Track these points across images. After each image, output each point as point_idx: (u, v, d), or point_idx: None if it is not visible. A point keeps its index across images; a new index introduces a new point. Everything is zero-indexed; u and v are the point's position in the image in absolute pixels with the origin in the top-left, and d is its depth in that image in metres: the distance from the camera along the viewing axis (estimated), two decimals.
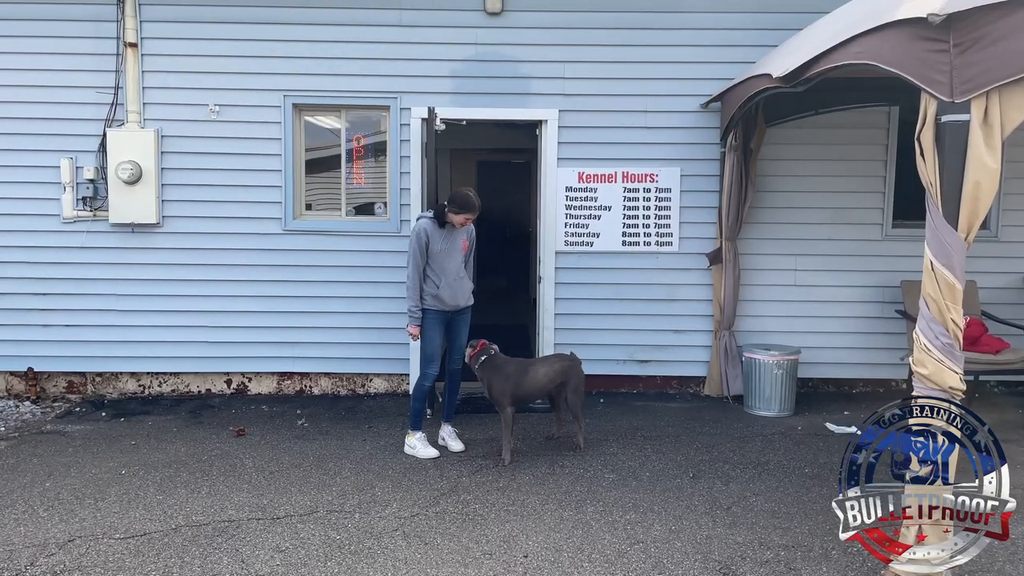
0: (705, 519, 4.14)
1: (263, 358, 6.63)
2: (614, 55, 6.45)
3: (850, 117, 6.40)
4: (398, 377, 6.74)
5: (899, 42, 3.16)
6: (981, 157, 2.92)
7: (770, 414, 6.12)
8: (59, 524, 4.04)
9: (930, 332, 3.11)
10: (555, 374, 5.10)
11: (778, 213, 6.61)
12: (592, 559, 3.68)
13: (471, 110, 6.46)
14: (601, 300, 6.63)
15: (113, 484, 4.61)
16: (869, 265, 6.61)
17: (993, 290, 6.56)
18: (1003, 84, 2.88)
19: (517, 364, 5.13)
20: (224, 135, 6.43)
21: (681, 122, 6.52)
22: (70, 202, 6.40)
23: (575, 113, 6.49)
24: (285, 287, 6.55)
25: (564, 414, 5.36)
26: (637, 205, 6.58)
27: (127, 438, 5.52)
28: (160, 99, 6.40)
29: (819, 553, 3.74)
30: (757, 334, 6.62)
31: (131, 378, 6.71)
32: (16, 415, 6.12)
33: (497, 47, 6.45)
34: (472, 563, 3.63)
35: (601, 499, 4.40)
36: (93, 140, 6.37)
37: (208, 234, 6.50)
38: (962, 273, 3.04)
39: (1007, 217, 6.64)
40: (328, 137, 6.72)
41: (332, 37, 6.39)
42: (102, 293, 6.49)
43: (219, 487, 4.57)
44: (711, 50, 6.43)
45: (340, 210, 6.71)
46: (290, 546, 3.80)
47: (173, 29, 6.35)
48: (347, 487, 4.57)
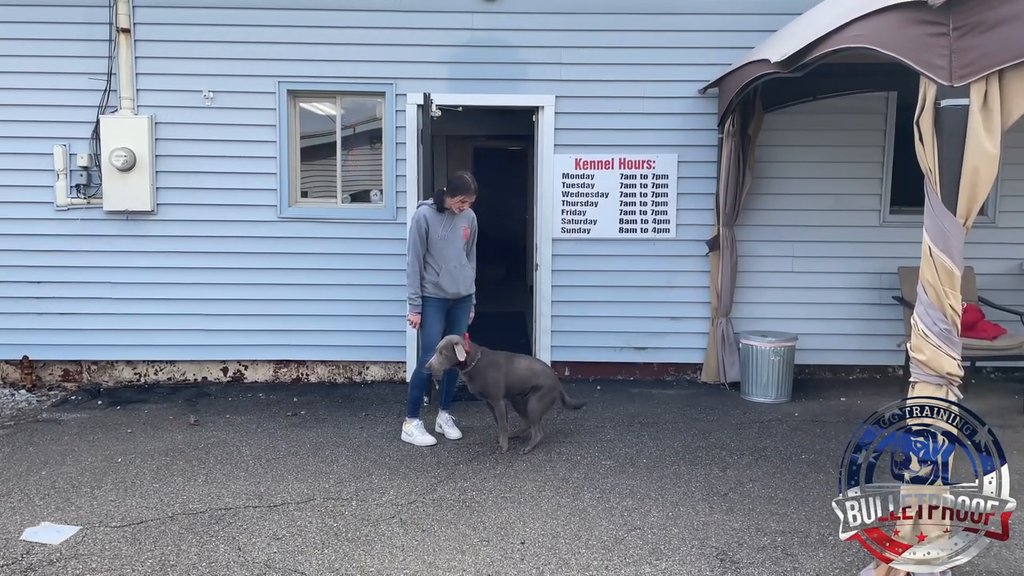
0: (702, 505, 4.15)
1: (259, 346, 6.62)
2: (611, 40, 6.41)
3: (848, 102, 6.38)
4: (395, 365, 6.73)
5: (898, 25, 3.12)
6: (980, 142, 2.90)
7: (767, 400, 6.13)
8: (55, 512, 4.03)
9: (928, 318, 3.09)
10: (532, 374, 5.01)
11: (775, 199, 6.59)
12: (589, 545, 3.68)
13: (467, 96, 6.42)
14: (598, 287, 6.62)
15: (109, 472, 4.60)
16: (866, 251, 6.60)
17: (990, 276, 6.56)
18: (1003, 68, 2.86)
19: (505, 356, 5.04)
20: (219, 121, 6.39)
21: (679, 108, 6.49)
22: (64, 190, 6.36)
23: (572, 99, 6.46)
24: (281, 274, 6.53)
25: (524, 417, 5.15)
26: (634, 192, 6.56)
27: (123, 426, 5.51)
28: (154, 85, 6.35)
29: (816, 539, 3.75)
30: (754, 321, 6.62)
31: (127, 366, 6.70)
32: (11, 404, 6.10)
33: (493, 32, 6.40)
34: (469, 550, 3.64)
35: (598, 485, 4.41)
36: (86, 127, 6.33)
37: (203, 221, 6.47)
38: (960, 259, 3.03)
39: (1005, 203, 6.63)
40: (323, 124, 6.68)
41: (327, 22, 6.34)
42: (97, 281, 6.47)
43: (216, 475, 4.56)
44: (709, 35, 6.39)
45: (336, 197, 6.68)
46: (287, 533, 3.79)
47: (166, 14, 6.30)
48: (344, 474, 4.57)
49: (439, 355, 4.79)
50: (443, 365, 4.82)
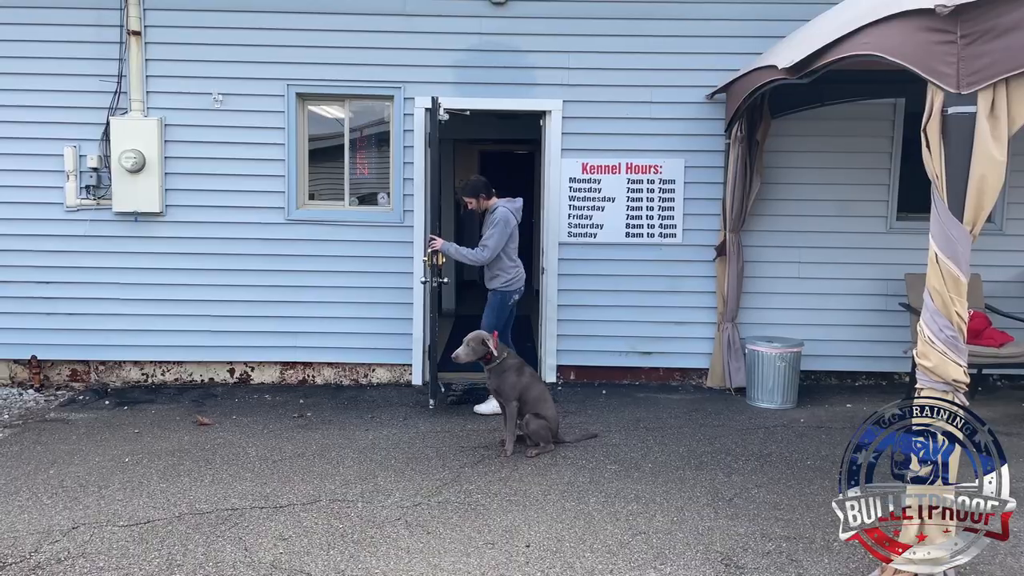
0: (707, 510, 4.15)
1: (266, 347, 6.64)
2: (619, 45, 6.43)
3: (855, 109, 6.38)
4: (400, 367, 6.75)
5: (906, 33, 3.13)
6: (987, 150, 2.90)
7: (772, 406, 6.12)
8: (63, 511, 4.06)
9: (934, 325, 3.10)
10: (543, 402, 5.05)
11: (782, 205, 6.59)
12: (594, 549, 3.69)
13: (475, 100, 6.44)
14: (604, 291, 6.63)
15: (117, 472, 4.63)
16: (873, 258, 6.60)
17: (997, 283, 6.54)
18: (1011, 76, 2.86)
19: (520, 360, 5.19)
20: (228, 124, 6.43)
21: (685, 113, 6.50)
22: (73, 191, 6.40)
23: (579, 104, 6.47)
24: (288, 276, 6.55)
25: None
26: (641, 196, 6.57)
27: (130, 426, 5.54)
28: (164, 88, 6.39)
29: (821, 545, 3.75)
30: (760, 326, 6.61)
31: (134, 367, 6.73)
32: (20, 403, 6.14)
33: (501, 37, 6.42)
34: (474, 552, 3.65)
35: (603, 490, 4.41)
36: (96, 128, 6.37)
37: (211, 223, 6.50)
38: (967, 266, 3.03)
39: (1012, 211, 6.62)
40: (332, 126, 6.71)
41: (336, 26, 6.37)
42: (105, 282, 6.50)
43: (222, 475, 4.58)
44: (716, 41, 6.41)
45: (343, 200, 6.71)
46: (293, 534, 3.81)
47: (177, 17, 6.34)
48: (350, 476, 4.59)
49: (466, 347, 4.99)
50: (469, 357, 4.98)
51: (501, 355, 5.05)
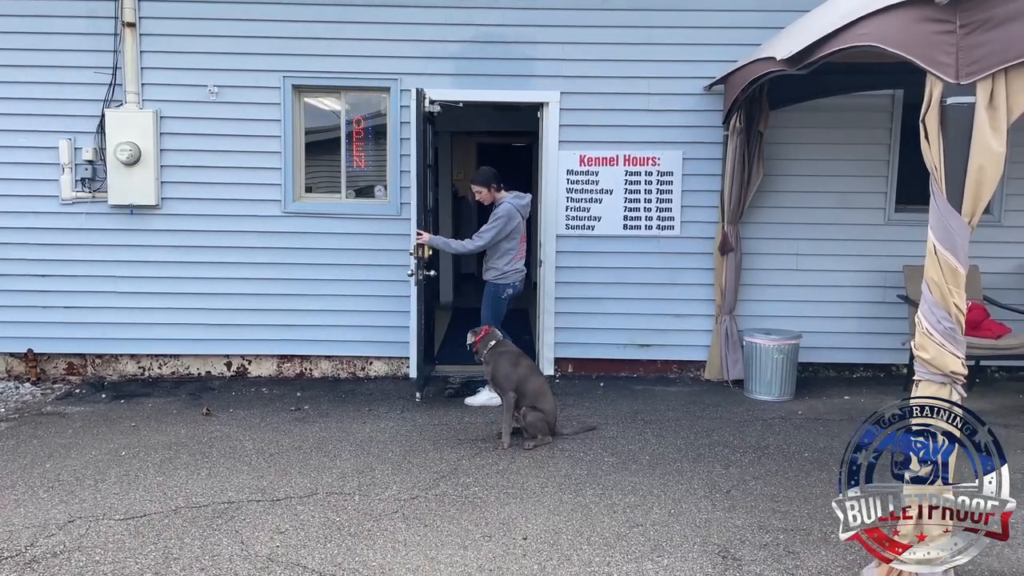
0: (704, 502, 4.15)
1: (263, 340, 6.63)
2: (617, 37, 6.40)
3: (853, 100, 6.36)
4: (398, 360, 6.74)
5: (905, 23, 3.11)
6: (986, 140, 2.89)
7: (770, 398, 6.12)
8: (59, 505, 4.05)
9: (932, 316, 3.08)
10: (541, 395, 5.05)
11: (780, 197, 6.58)
12: (591, 542, 3.69)
13: (473, 92, 6.42)
14: (602, 284, 6.62)
15: (113, 465, 4.62)
16: (871, 250, 6.59)
17: (996, 275, 6.54)
18: (1010, 66, 2.84)
19: (518, 352, 5.20)
20: (224, 116, 6.40)
21: (684, 105, 6.48)
22: (69, 183, 6.37)
23: (577, 95, 6.45)
24: (285, 269, 6.54)
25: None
26: (639, 189, 6.55)
27: (127, 420, 5.53)
28: (159, 80, 6.36)
29: (818, 537, 3.75)
30: (758, 318, 6.61)
31: (131, 360, 6.71)
32: (16, 397, 6.13)
33: (499, 28, 6.39)
34: (472, 545, 3.64)
35: (600, 482, 4.41)
36: (92, 121, 6.34)
37: (208, 216, 6.48)
38: (965, 258, 3.02)
39: (1010, 202, 6.61)
40: (328, 119, 6.68)
41: (332, 17, 6.34)
42: (102, 275, 6.48)
43: (219, 469, 4.58)
44: (715, 32, 6.38)
45: (340, 192, 6.68)
46: (290, 528, 3.80)
47: (171, 8, 6.30)
48: (347, 469, 4.58)
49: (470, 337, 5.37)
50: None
51: (488, 345, 5.14)
